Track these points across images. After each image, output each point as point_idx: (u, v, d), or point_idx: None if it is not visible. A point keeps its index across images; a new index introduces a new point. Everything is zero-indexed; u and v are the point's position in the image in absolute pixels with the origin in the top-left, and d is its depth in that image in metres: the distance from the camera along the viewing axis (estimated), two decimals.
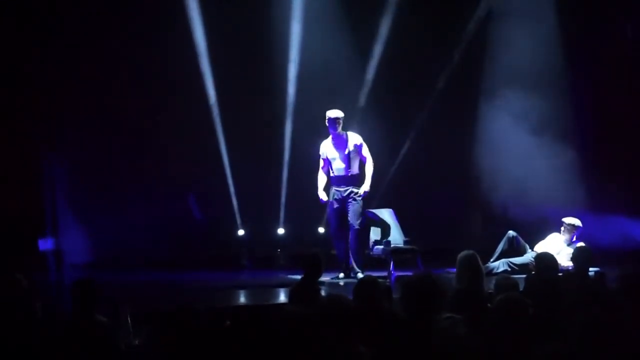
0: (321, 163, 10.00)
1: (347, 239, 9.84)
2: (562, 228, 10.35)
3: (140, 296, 8.32)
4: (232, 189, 12.22)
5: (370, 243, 10.28)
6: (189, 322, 4.74)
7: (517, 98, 11.87)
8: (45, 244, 11.00)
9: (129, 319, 5.80)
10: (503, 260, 10.19)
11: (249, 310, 7.54)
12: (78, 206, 11.31)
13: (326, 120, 9.74)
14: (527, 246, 10.40)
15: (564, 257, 9.69)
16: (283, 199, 12.38)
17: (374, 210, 10.44)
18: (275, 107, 12.14)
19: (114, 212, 11.33)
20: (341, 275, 9.85)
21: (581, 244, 9.56)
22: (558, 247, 10.14)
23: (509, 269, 9.96)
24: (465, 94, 12.54)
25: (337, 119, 9.73)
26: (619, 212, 12.18)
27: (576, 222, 10.30)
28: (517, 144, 11.87)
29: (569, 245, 10.10)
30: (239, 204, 12.30)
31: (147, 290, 9.14)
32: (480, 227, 12.66)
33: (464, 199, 12.58)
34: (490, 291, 6.09)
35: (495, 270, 9.90)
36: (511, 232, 10.45)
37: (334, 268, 9.77)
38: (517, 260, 10.16)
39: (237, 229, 12.36)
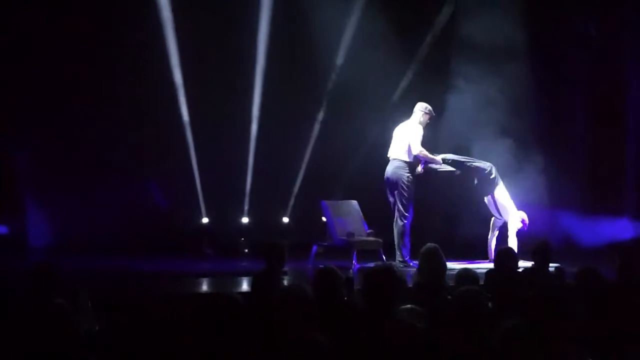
0: None
1: None
2: None
3: (101, 282, 8.26)
4: (197, 176, 12.18)
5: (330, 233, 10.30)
6: (150, 309, 4.73)
7: (478, 90, 11.90)
8: (4, 227, 10.91)
9: (89, 303, 5.75)
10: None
11: (210, 299, 7.51)
12: (40, 190, 11.21)
13: (429, 112, 10.06)
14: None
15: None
16: (248, 188, 12.36)
17: (328, 203, 10.48)
18: (241, 94, 12.11)
19: (76, 197, 11.26)
20: None
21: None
22: None
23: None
24: (429, 88, 12.54)
25: None
26: (572, 209, 12.38)
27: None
28: (478, 139, 11.90)
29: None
30: (203, 192, 12.26)
31: (108, 276, 9.07)
32: (442, 222, 12.68)
33: (428, 193, 12.61)
34: (451, 284, 6.13)
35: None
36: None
37: (297, 258, 9.75)
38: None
39: (201, 217, 12.32)
